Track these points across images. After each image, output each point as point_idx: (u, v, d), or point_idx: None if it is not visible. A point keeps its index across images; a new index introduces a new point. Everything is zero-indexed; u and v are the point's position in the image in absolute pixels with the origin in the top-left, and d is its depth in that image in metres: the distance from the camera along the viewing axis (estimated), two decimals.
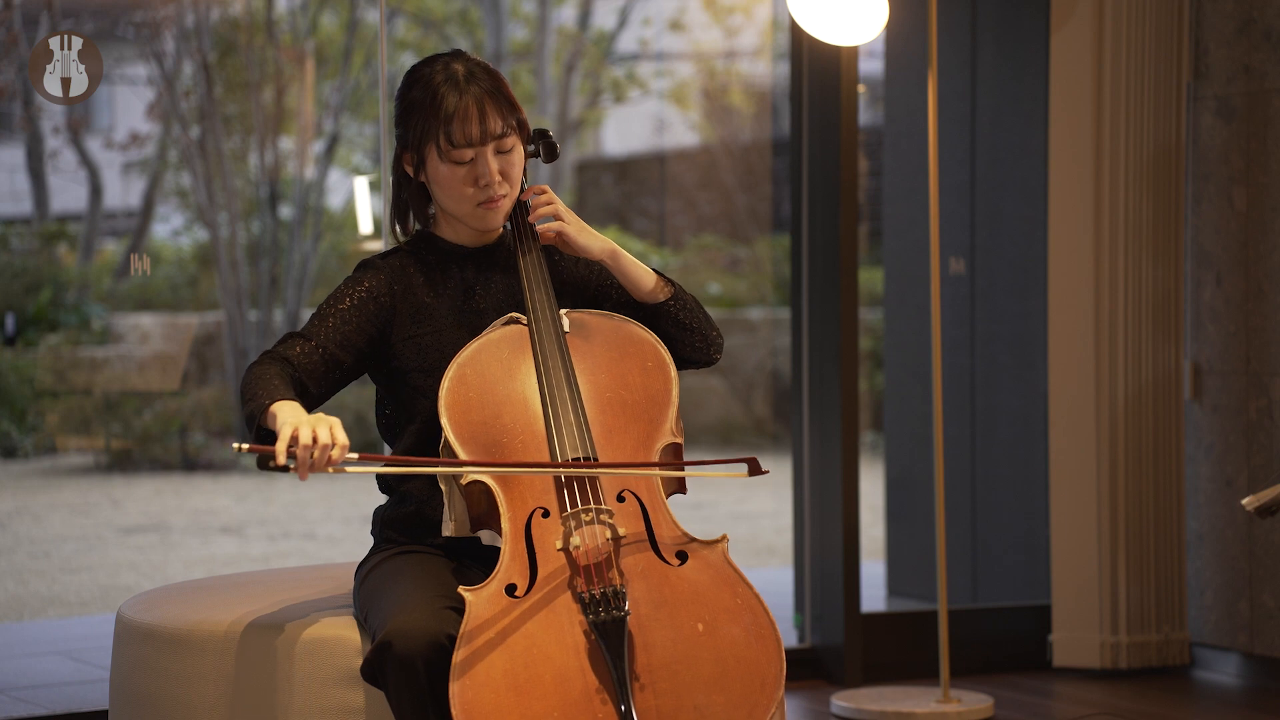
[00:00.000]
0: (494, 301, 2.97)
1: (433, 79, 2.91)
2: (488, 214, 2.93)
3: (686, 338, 3.01)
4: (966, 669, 4.86)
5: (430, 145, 2.90)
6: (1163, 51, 4.80)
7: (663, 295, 3.00)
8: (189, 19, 9.80)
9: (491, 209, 2.92)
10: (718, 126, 12.52)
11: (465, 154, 2.89)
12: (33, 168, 9.76)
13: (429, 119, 2.88)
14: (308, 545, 8.14)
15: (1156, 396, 4.83)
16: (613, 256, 2.97)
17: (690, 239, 12.10)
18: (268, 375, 2.79)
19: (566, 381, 2.83)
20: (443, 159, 2.89)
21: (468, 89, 2.89)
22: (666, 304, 2.99)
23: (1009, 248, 5.40)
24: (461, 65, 2.92)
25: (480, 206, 2.92)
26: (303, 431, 2.62)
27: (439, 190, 2.93)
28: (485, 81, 2.90)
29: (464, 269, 2.98)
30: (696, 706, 2.62)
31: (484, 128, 2.88)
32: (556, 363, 2.84)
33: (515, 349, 2.87)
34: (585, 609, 2.64)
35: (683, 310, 3.01)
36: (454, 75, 2.90)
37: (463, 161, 2.89)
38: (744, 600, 2.71)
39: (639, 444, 2.84)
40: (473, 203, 2.91)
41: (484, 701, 2.57)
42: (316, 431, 2.63)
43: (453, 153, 2.88)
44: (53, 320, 9.45)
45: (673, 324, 3.00)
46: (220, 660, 2.96)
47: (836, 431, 4.77)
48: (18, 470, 9.11)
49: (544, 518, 2.75)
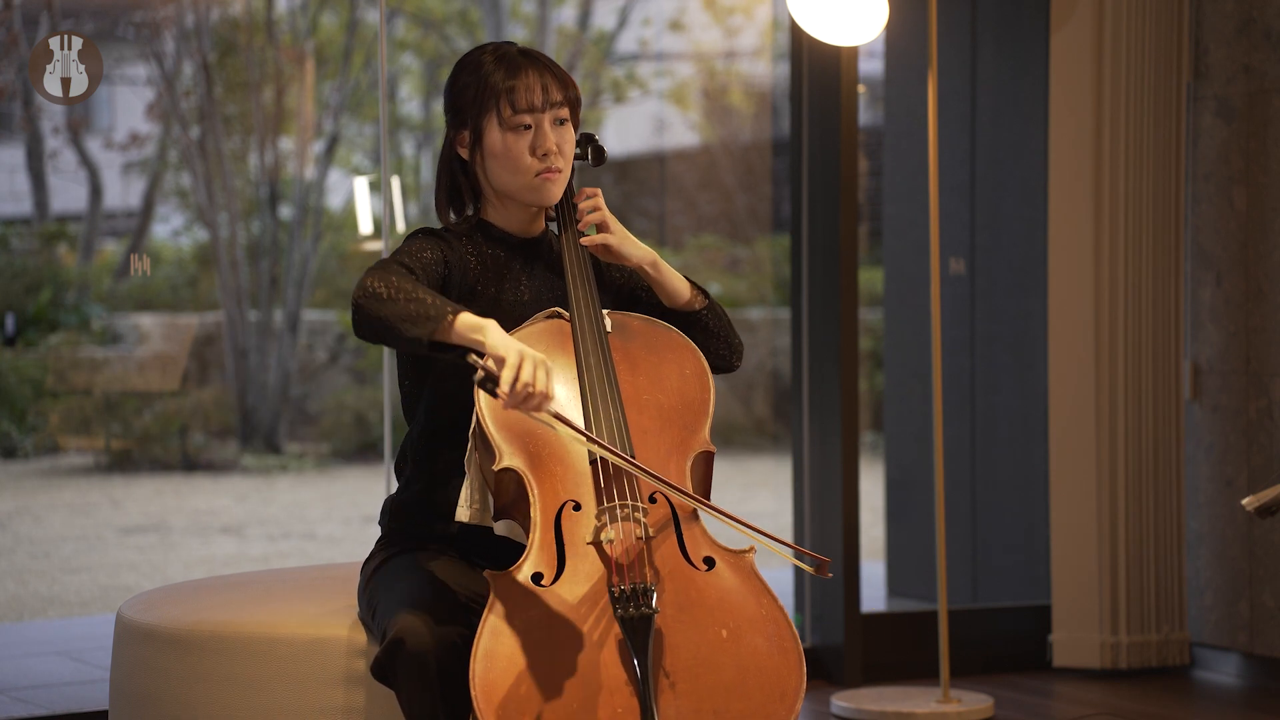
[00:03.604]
0: (536, 294, 2.98)
1: (488, 59, 2.94)
2: (545, 184, 2.93)
3: (713, 345, 3.04)
4: (966, 669, 4.86)
5: (490, 115, 2.91)
6: (1163, 51, 4.80)
7: (698, 305, 3.03)
8: (189, 19, 9.81)
9: (550, 179, 2.93)
10: (718, 126, 12.52)
11: (526, 119, 2.90)
12: (33, 168, 9.76)
13: (490, 90, 2.91)
14: (308, 545, 8.14)
15: (1156, 396, 4.83)
16: (654, 266, 2.99)
17: (690, 239, 12.10)
18: (415, 284, 2.70)
19: (606, 379, 2.84)
20: (503, 127, 2.91)
21: (526, 62, 2.93)
22: (700, 313, 3.02)
23: (1009, 248, 5.40)
24: (514, 47, 2.97)
25: (539, 177, 2.92)
26: (525, 369, 2.58)
27: (497, 164, 2.93)
28: (541, 57, 2.96)
29: (512, 257, 2.99)
30: (716, 711, 2.62)
31: (546, 95, 2.91)
32: (598, 360, 2.85)
33: (555, 343, 2.87)
34: (614, 603, 2.64)
35: (713, 319, 3.04)
36: (510, 53, 2.95)
37: (523, 128, 2.90)
38: (768, 611, 2.72)
39: (673, 448, 2.84)
40: (531, 173, 2.92)
41: (505, 684, 2.58)
42: (537, 374, 2.59)
43: (514, 118, 2.90)
44: (53, 320, 9.46)
45: (702, 331, 3.03)
46: (220, 660, 2.96)
47: (836, 431, 4.77)
48: (18, 470, 9.12)
49: (575, 510, 2.75)
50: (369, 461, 9.97)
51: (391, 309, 2.66)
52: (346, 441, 10.13)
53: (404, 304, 2.66)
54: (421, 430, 2.94)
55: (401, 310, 2.65)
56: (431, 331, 2.63)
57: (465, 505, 2.81)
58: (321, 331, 10.50)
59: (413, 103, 11.94)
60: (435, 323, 2.63)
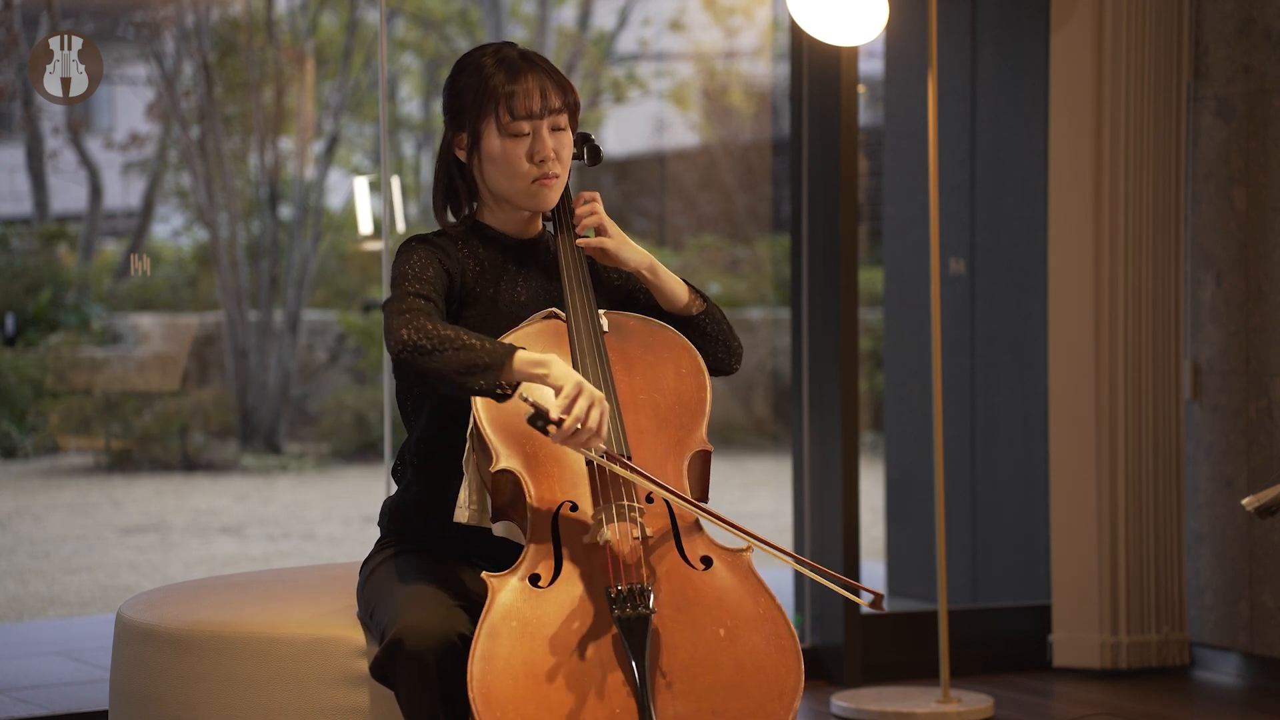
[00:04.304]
0: (532, 296, 2.98)
1: (488, 62, 2.93)
2: (541, 191, 2.92)
3: (711, 348, 3.03)
4: (966, 669, 4.86)
5: (489, 120, 2.90)
6: (1163, 51, 4.80)
7: (696, 309, 3.03)
8: (189, 19, 9.81)
9: (546, 185, 2.92)
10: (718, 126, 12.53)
11: (524, 125, 2.89)
12: (33, 168, 9.76)
13: (489, 95, 2.90)
14: (308, 545, 8.14)
15: (1156, 396, 4.83)
16: (651, 270, 2.99)
17: (690, 239, 12.10)
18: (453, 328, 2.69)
19: (603, 379, 2.83)
20: (502, 133, 2.90)
21: (527, 67, 2.92)
22: (698, 317, 3.02)
23: (1009, 248, 5.40)
24: (515, 49, 2.96)
25: (535, 184, 2.92)
26: (580, 404, 2.61)
27: (494, 169, 2.93)
28: (541, 61, 2.95)
29: (508, 259, 2.98)
30: (714, 710, 2.62)
31: (545, 102, 2.90)
32: (594, 360, 2.85)
33: (551, 343, 2.87)
34: (611, 604, 2.64)
35: (711, 323, 3.04)
36: (510, 56, 2.93)
37: (521, 135, 2.90)
38: (766, 610, 2.72)
39: (670, 448, 2.84)
40: (528, 179, 2.91)
41: (503, 687, 2.58)
42: (591, 413, 2.61)
43: (513, 125, 2.89)
44: (53, 320, 9.46)
45: (700, 335, 3.02)
46: (220, 660, 2.96)
47: (836, 431, 4.77)
48: (18, 470, 9.12)
49: (572, 511, 2.75)
50: (369, 461, 9.97)
51: (441, 362, 2.66)
52: (346, 441, 10.14)
53: (452, 354, 2.65)
54: (420, 433, 2.94)
55: (453, 362, 2.65)
56: (495, 380, 2.64)
57: (463, 506, 2.81)
58: (321, 331, 10.50)
59: (413, 103, 11.95)
60: (496, 371, 2.64)
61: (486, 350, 2.65)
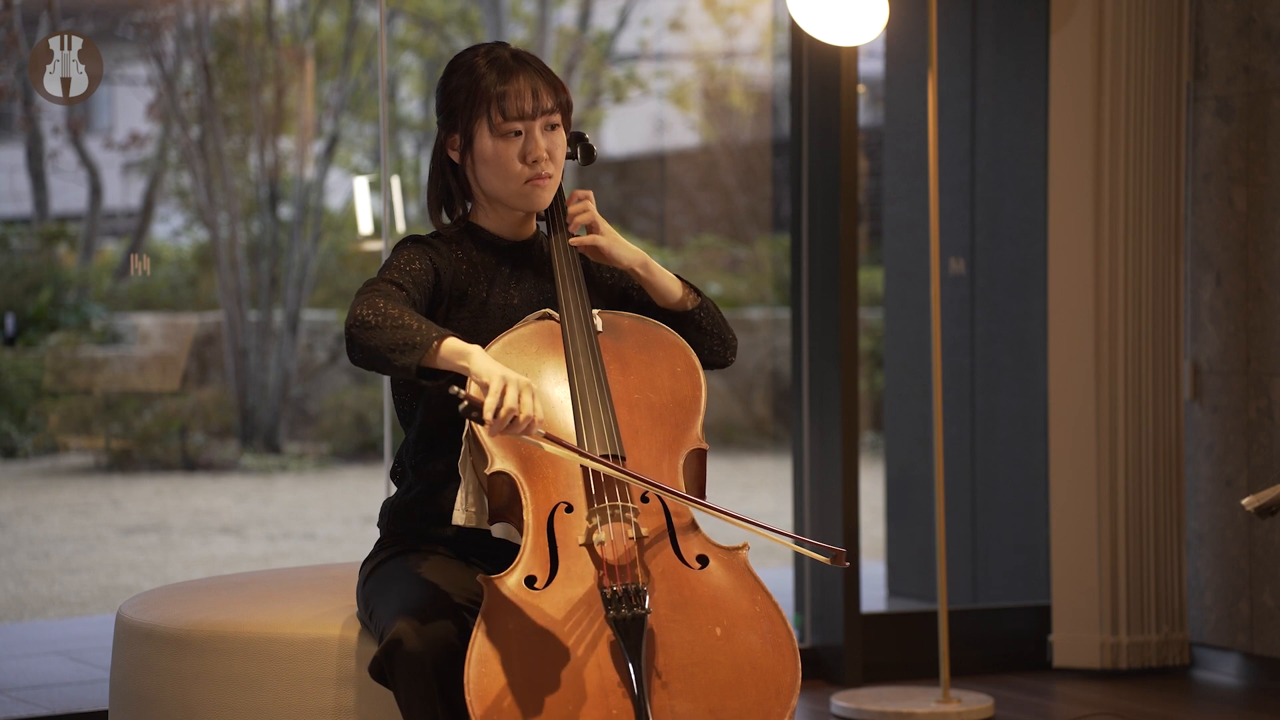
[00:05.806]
0: (526, 297, 2.98)
1: (480, 62, 2.92)
2: (534, 191, 2.92)
3: (707, 342, 3.04)
4: (966, 669, 4.86)
5: (481, 121, 2.90)
6: (1163, 51, 4.80)
7: (690, 304, 3.03)
8: (189, 19, 9.80)
9: (539, 186, 2.92)
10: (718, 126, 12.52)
11: (516, 125, 2.89)
12: (33, 168, 9.76)
13: (481, 95, 2.89)
14: (308, 545, 8.14)
15: (1156, 396, 4.83)
16: (644, 267, 3.00)
17: (690, 239, 12.10)
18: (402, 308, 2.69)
19: (597, 380, 2.83)
20: (494, 134, 2.90)
21: (518, 66, 2.92)
22: (693, 312, 3.02)
23: (1009, 248, 5.40)
24: (507, 49, 2.95)
25: (528, 184, 2.91)
26: (509, 395, 2.57)
27: (487, 170, 2.93)
28: (534, 61, 2.94)
29: (502, 261, 2.98)
30: (711, 710, 2.62)
31: (537, 102, 2.90)
32: (588, 360, 2.84)
33: (545, 344, 2.87)
34: (606, 605, 2.64)
35: (706, 317, 3.04)
36: (502, 57, 2.93)
37: (514, 135, 2.89)
38: (762, 608, 2.72)
39: (665, 447, 2.84)
40: (521, 180, 2.91)
41: (499, 689, 2.58)
42: (522, 400, 2.58)
43: (504, 125, 2.89)
44: (53, 320, 9.45)
45: (695, 329, 3.03)
46: (220, 660, 2.96)
47: (836, 431, 4.77)
48: (18, 470, 9.11)
49: (567, 512, 2.74)
50: (369, 461, 9.97)
51: (379, 337, 2.65)
52: (346, 441, 10.13)
53: (390, 331, 2.65)
54: (418, 436, 2.94)
55: (389, 338, 2.64)
56: (418, 359, 2.63)
57: (461, 508, 2.81)
58: (321, 331, 10.50)
59: (413, 103, 11.94)
60: (421, 350, 2.63)
61: (419, 332, 2.64)
